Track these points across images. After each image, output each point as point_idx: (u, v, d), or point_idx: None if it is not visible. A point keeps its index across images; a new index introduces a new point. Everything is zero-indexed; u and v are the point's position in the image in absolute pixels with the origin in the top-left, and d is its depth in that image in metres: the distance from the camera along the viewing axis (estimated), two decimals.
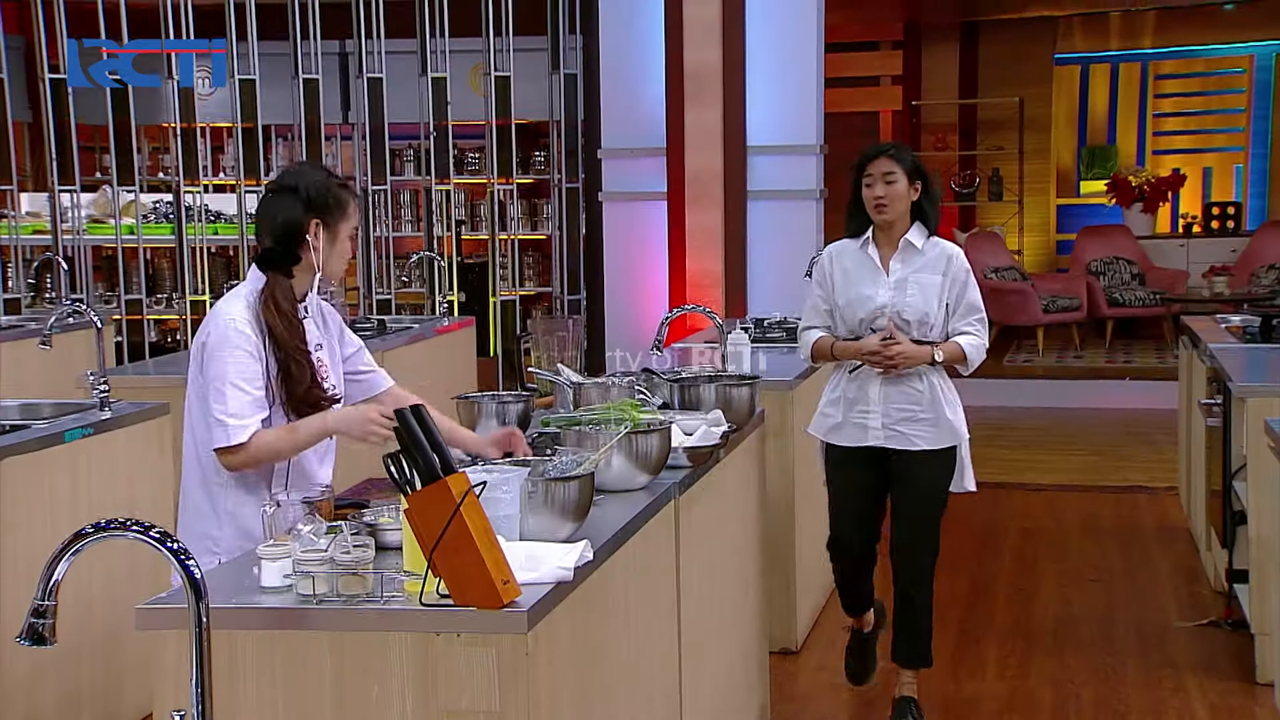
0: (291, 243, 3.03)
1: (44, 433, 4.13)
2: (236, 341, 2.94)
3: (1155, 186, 13.22)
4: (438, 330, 7.11)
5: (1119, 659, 4.94)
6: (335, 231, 3.06)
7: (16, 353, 6.37)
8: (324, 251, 3.04)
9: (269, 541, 2.59)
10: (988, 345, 4.19)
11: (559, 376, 3.95)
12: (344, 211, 3.07)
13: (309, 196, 3.04)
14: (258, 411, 2.94)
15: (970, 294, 4.12)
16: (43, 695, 3.97)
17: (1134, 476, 7.76)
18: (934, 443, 4.12)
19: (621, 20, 8.29)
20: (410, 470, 2.43)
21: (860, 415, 4.14)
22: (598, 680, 2.78)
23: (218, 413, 2.92)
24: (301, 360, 2.99)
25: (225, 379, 2.92)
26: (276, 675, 2.42)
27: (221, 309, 3.02)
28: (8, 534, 3.90)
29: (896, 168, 4.06)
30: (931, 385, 4.11)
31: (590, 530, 2.80)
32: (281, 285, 3.02)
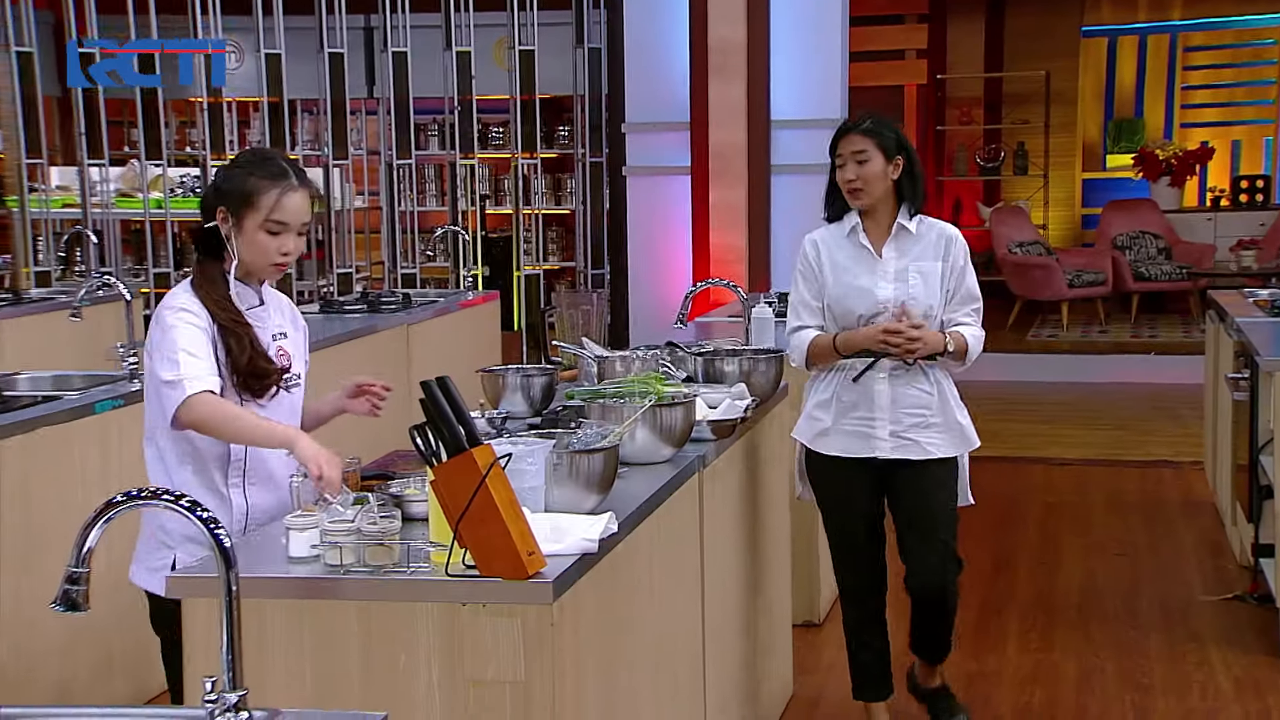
0: (209, 228, 2.96)
1: (75, 404, 4.17)
2: (180, 317, 2.87)
3: (1183, 160, 13.10)
4: (462, 304, 7.12)
5: (1143, 632, 4.93)
6: (240, 224, 2.92)
7: (47, 325, 6.41)
8: (236, 242, 2.92)
9: (297, 512, 2.60)
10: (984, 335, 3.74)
11: (583, 350, 3.95)
12: (248, 204, 2.91)
13: (219, 183, 2.97)
14: (211, 376, 2.84)
15: (969, 280, 3.68)
16: (76, 662, 4.01)
17: (1159, 451, 7.73)
18: (949, 449, 3.69)
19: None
20: (436, 442, 2.43)
21: (861, 423, 3.66)
22: (622, 650, 2.80)
23: (169, 377, 2.81)
24: (240, 332, 2.90)
25: (176, 348, 2.83)
26: (304, 644, 2.44)
27: (169, 296, 2.97)
28: (40, 503, 3.94)
29: (868, 144, 3.59)
30: (939, 385, 3.67)
31: (615, 502, 2.80)
32: (206, 266, 2.96)
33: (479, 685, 2.38)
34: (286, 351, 3.05)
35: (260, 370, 2.93)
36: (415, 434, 2.45)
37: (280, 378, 2.97)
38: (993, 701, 4.35)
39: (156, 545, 2.93)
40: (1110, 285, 11.49)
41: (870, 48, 12.09)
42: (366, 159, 9.59)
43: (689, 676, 3.26)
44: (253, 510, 2.96)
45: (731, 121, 7.95)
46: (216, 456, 2.93)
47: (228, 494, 2.93)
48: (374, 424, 3.30)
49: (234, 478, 2.94)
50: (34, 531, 3.91)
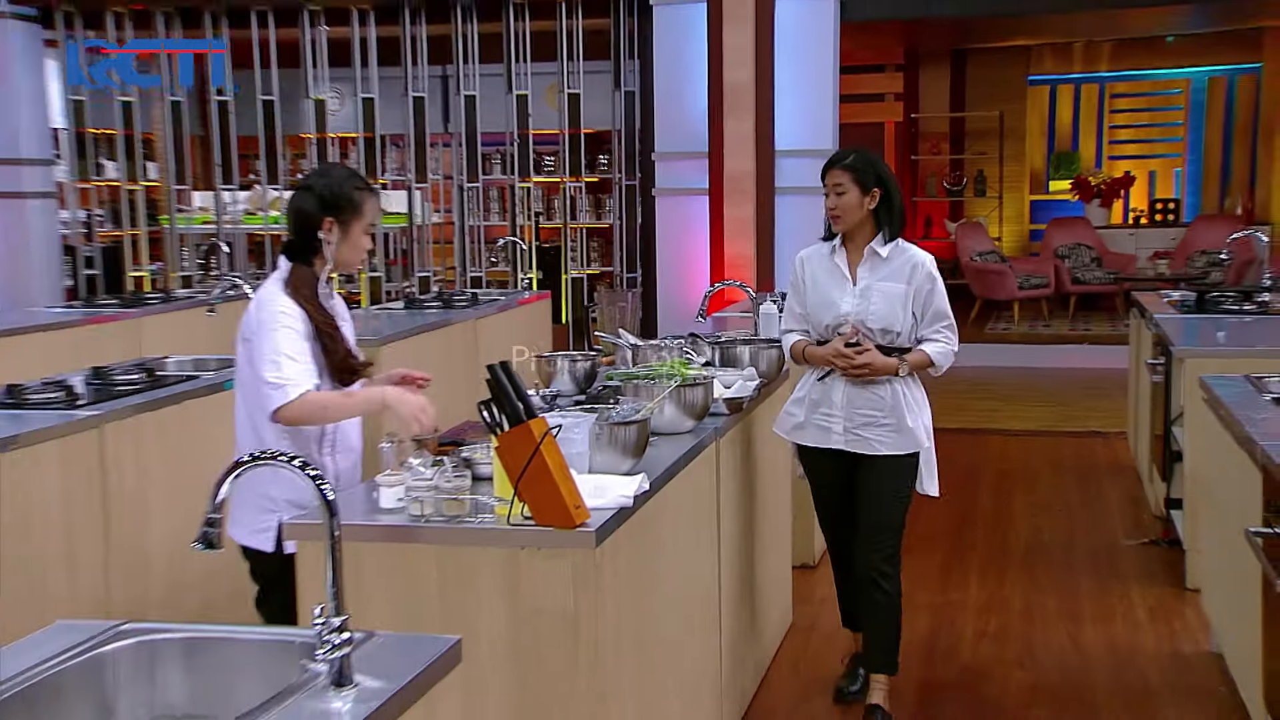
0: (309, 236, 2.86)
1: (210, 382, 4.19)
2: (284, 321, 2.77)
3: (1110, 186, 13.04)
4: (520, 301, 7.10)
5: (1076, 572, 4.89)
6: (347, 228, 2.84)
7: (189, 319, 6.45)
8: (336, 245, 2.85)
9: (386, 472, 2.60)
10: (956, 349, 3.50)
11: (620, 339, 3.93)
12: (357, 211, 2.85)
13: (323, 197, 2.84)
14: (308, 378, 2.77)
15: (937, 301, 3.44)
16: (215, 591, 4.04)
17: (1091, 424, 7.65)
18: (894, 448, 3.45)
19: (672, 47, 8.22)
20: (500, 415, 2.42)
21: (824, 418, 3.50)
22: (652, 586, 2.78)
23: (273, 379, 2.73)
24: (333, 334, 2.84)
25: (279, 351, 2.74)
26: (393, 580, 2.44)
27: (264, 296, 2.83)
28: (184, 461, 3.96)
29: (845, 178, 3.42)
30: (895, 392, 3.45)
31: (647, 465, 2.79)
32: (301, 273, 2.85)
33: (535, 614, 2.37)
34: (348, 338, 2.97)
35: (350, 366, 2.88)
36: (482, 408, 2.45)
37: (366, 370, 2.91)
38: (957, 625, 4.33)
39: (261, 510, 2.85)
40: (1052, 287, 11.38)
41: (857, 91, 11.99)
42: (442, 183, 9.58)
43: (706, 607, 3.25)
44: (340, 473, 2.92)
45: (742, 151, 7.90)
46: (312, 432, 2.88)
47: (320, 459, 2.90)
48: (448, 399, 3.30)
49: (325, 448, 2.91)
50: (179, 484, 3.93)
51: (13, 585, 3.28)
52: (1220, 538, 3.76)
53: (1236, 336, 5.04)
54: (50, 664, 1.80)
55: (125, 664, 1.88)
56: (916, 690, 3.79)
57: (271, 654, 1.89)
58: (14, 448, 3.30)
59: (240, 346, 2.87)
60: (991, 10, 9.64)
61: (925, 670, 3.94)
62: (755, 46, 7.83)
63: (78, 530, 3.53)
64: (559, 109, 8.94)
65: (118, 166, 9.32)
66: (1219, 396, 3.60)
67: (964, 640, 4.21)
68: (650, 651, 2.76)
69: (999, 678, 3.89)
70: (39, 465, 3.39)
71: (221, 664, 1.90)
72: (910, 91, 13.17)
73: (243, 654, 1.91)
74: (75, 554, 3.52)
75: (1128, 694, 3.76)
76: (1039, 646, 4.14)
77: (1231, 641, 3.64)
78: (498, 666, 2.39)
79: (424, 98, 8.93)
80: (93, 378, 4.06)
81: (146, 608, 3.76)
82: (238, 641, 1.93)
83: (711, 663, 3.27)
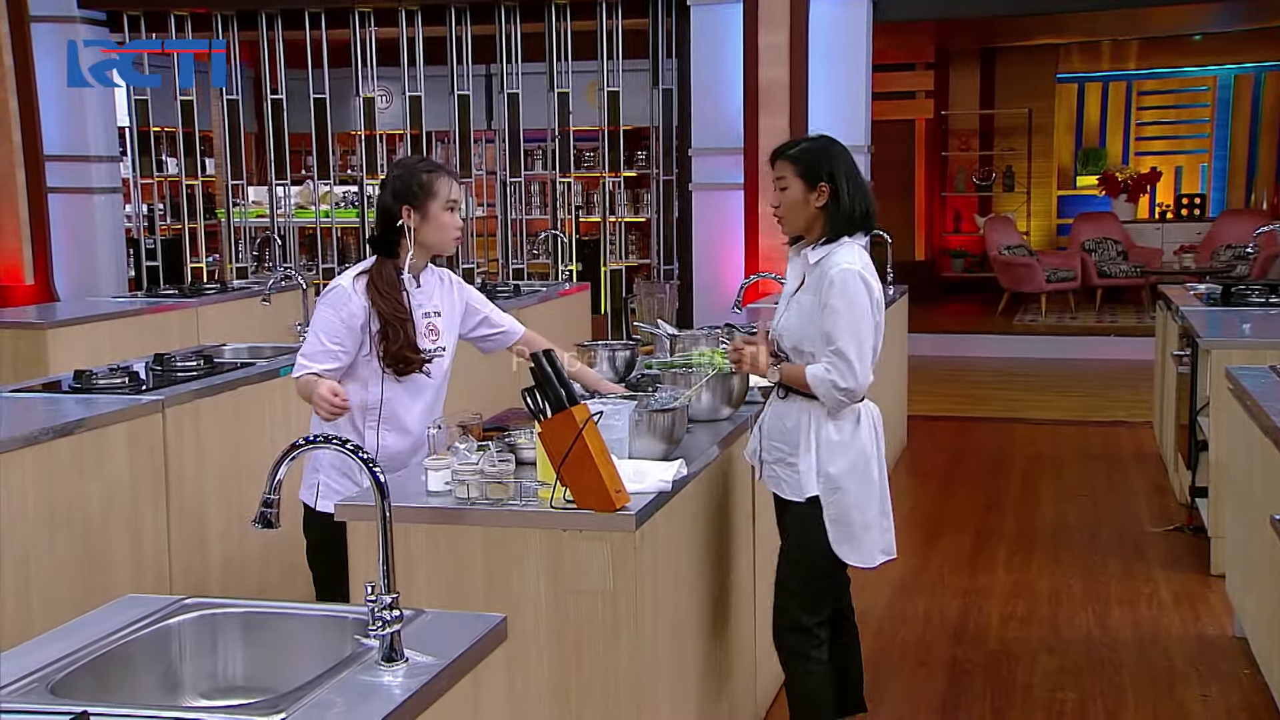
0: (389, 229, 2.89)
1: (265, 369, 4.22)
2: (331, 300, 2.85)
3: (1137, 181, 12.87)
4: (560, 293, 7.12)
5: (1102, 557, 4.83)
6: (425, 211, 2.87)
7: (244, 308, 6.52)
8: (419, 230, 2.87)
9: (433, 455, 2.61)
10: (846, 386, 2.70)
11: (658, 329, 3.93)
12: (430, 192, 2.87)
13: (395, 189, 2.88)
14: (326, 360, 2.82)
15: (827, 322, 2.70)
16: (270, 567, 4.08)
17: (1117, 413, 7.56)
18: (790, 492, 2.83)
19: (708, 46, 8.18)
20: (543, 402, 2.43)
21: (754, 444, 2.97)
22: (690, 568, 2.78)
23: (301, 350, 2.89)
24: (398, 326, 2.86)
25: (314, 328, 2.88)
26: (440, 559, 2.45)
27: (339, 276, 2.93)
28: (240, 444, 4.00)
29: (787, 170, 2.80)
30: (800, 425, 2.78)
31: (685, 451, 2.79)
32: (383, 266, 2.89)
33: (576, 594, 2.38)
34: (436, 327, 2.98)
35: (406, 359, 2.90)
36: (526, 395, 2.45)
37: (422, 366, 2.92)
38: (984, 610, 4.29)
39: (309, 469, 3.00)
40: (1079, 281, 11.25)
41: (888, 89, 11.89)
42: (485, 178, 9.61)
43: (742, 587, 3.24)
44: (385, 450, 2.91)
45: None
46: (358, 404, 2.91)
47: (364, 434, 2.92)
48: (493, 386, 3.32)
49: (370, 421, 2.92)
50: (236, 466, 3.97)
51: (83, 559, 3.34)
52: (1245, 525, 3.71)
53: (1262, 328, 4.97)
54: (120, 635, 1.83)
55: (189, 637, 1.90)
56: (945, 674, 3.77)
57: (326, 629, 1.91)
58: (82, 430, 3.35)
59: None
60: (1020, 10, 9.51)
61: (954, 652, 3.92)
62: (790, 46, 7.78)
63: (142, 509, 3.58)
64: (599, 106, 8.93)
65: (178, 163, 9.42)
66: (1245, 387, 3.55)
67: (992, 623, 4.18)
68: (687, 632, 2.76)
69: (1026, 660, 3.86)
70: (106, 447, 3.44)
71: (278, 638, 1.92)
72: (941, 89, 13.04)
73: (299, 629, 1.93)
74: (140, 531, 3.57)
75: (1153, 676, 3.72)
76: (1065, 629, 4.10)
77: (1255, 626, 3.59)
78: (541, 644, 2.40)
79: (469, 96, 8.96)
80: (155, 364, 4.11)
81: (206, 583, 3.81)
82: (294, 617, 1.95)
83: (747, 644, 3.27)
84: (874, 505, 2.82)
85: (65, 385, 3.83)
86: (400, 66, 8.93)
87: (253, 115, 10.06)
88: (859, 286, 2.72)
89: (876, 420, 2.86)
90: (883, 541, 2.86)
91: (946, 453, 6.75)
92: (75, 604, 3.17)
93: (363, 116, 9.10)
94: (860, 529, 2.80)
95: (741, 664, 3.22)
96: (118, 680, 1.79)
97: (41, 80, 8.64)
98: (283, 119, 9.10)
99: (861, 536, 2.81)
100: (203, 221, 9.48)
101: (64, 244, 8.95)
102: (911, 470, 6.38)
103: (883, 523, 2.85)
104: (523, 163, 9.13)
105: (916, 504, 5.73)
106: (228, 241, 9.42)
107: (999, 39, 12.72)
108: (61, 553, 3.27)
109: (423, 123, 9.01)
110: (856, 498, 2.79)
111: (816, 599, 2.89)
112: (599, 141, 9.06)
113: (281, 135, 9.13)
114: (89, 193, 8.96)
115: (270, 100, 9.11)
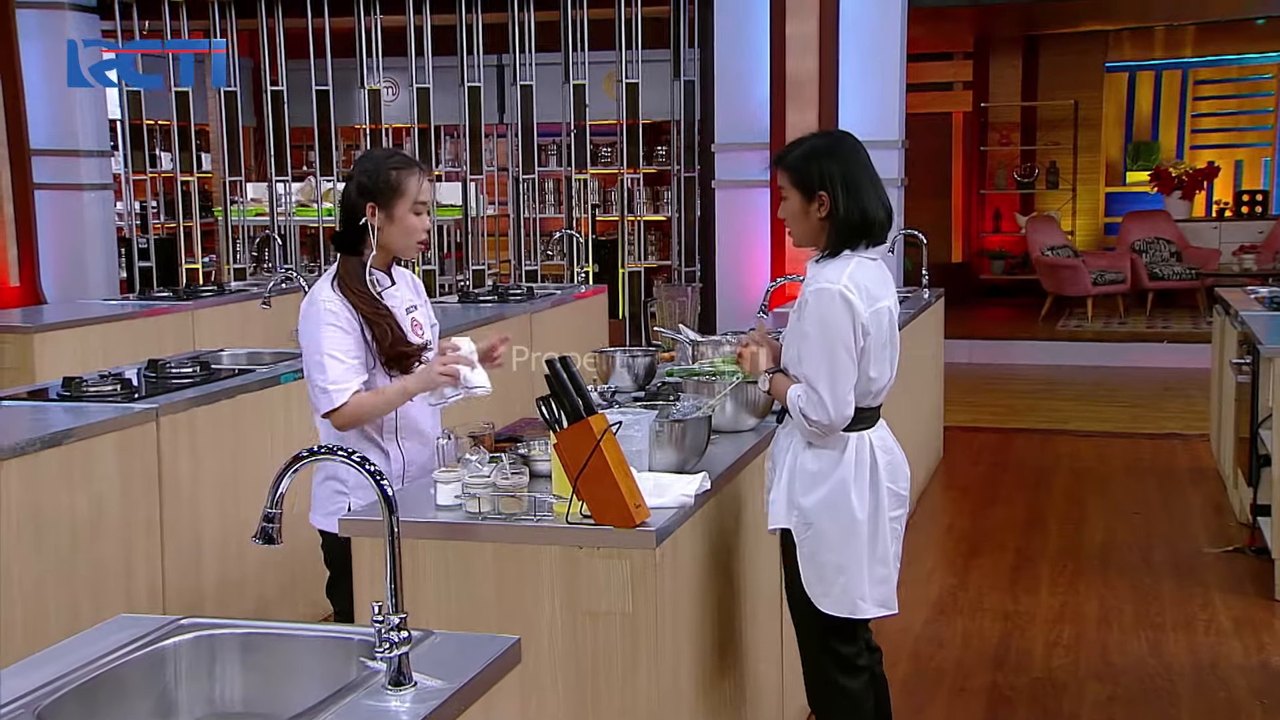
0: (353, 226, 2.88)
1: (265, 376, 4.25)
2: (327, 319, 2.81)
3: (1193, 177, 12.77)
4: (576, 296, 7.13)
5: (1155, 579, 4.80)
6: (391, 211, 2.84)
7: (243, 311, 6.56)
8: (384, 230, 2.86)
9: (442, 468, 2.62)
10: (817, 419, 2.62)
11: (679, 335, 3.93)
12: (398, 191, 2.84)
13: (362, 183, 2.87)
14: (355, 377, 2.81)
15: (803, 348, 2.64)
16: (268, 585, 4.10)
17: (1170, 425, 7.51)
18: (771, 521, 2.79)
19: (733, 35, 8.20)
20: (559, 411, 2.43)
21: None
22: (714, 587, 2.78)
23: (319, 382, 2.80)
24: (381, 323, 2.85)
25: (322, 351, 2.80)
26: (450, 577, 2.46)
27: (314, 292, 2.88)
28: (238, 455, 4.02)
29: (784, 180, 2.72)
30: (783, 449, 2.75)
31: (708, 464, 2.78)
32: (349, 264, 2.88)
33: (593, 616, 2.38)
34: (419, 322, 3.00)
35: (402, 353, 2.90)
36: (541, 404, 2.46)
37: (420, 355, 2.94)
38: (1027, 635, 4.27)
39: (333, 494, 2.92)
40: (1129, 284, 11.20)
41: (923, 80, 11.88)
42: (497, 174, 9.64)
43: (768, 608, 3.23)
44: (409, 461, 2.95)
45: None
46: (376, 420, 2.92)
47: (385, 447, 2.95)
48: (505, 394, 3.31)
49: (388, 433, 2.95)
50: (234, 479, 3.99)
51: (72, 577, 3.36)
52: None
53: None
54: (112, 658, 1.84)
55: (185, 659, 1.91)
56: (985, 702, 3.74)
57: (329, 651, 1.92)
58: (71, 440, 3.37)
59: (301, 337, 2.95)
60: None
61: (994, 679, 3.90)
62: (819, 34, 7.78)
63: (134, 524, 3.60)
64: (617, 99, 8.94)
65: (172, 158, 9.49)
66: None
67: (1036, 649, 4.15)
68: (710, 656, 2.75)
69: (1073, 689, 3.83)
70: (96, 458, 3.46)
71: (279, 660, 1.93)
72: (980, 80, 13.01)
73: (301, 651, 1.93)
74: (132, 547, 3.59)
75: (1211, 708, 3.69)
76: (1116, 656, 4.07)
77: None
78: (556, 668, 2.40)
79: (479, 88, 8.99)
80: (148, 371, 4.14)
81: (201, 601, 3.83)
82: (296, 638, 1.96)
83: (773, 670, 3.26)
84: (855, 548, 2.68)
85: (53, 393, 3.86)
86: (407, 57, 8.97)
87: (251, 108, 10.13)
88: (838, 308, 2.61)
89: (877, 451, 2.71)
90: (874, 592, 2.71)
91: (985, 466, 6.72)
92: (63, 625, 3.19)
93: (367, 110, 9.15)
94: (833, 571, 2.69)
95: (768, 691, 3.21)
96: (109, 706, 1.80)
97: (28, 70, 8.70)
98: (283, 112, 9.16)
99: (834, 579, 2.69)
100: (198, 220, 9.54)
101: (52, 244, 9.03)
102: (948, 484, 6.36)
103: (873, 570, 2.70)
104: (536, 159, 9.16)
105: (954, 520, 5.71)
106: (225, 241, 9.48)
107: (1043, 25, 12.67)
108: (49, 571, 3.29)
109: (431, 116, 9.06)
110: (830, 536, 2.68)
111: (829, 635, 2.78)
112: (617, 136, 9.08)
113: (282, 129, 9.19)
114: (78, 189, 9.04)
115: (270, 92, 9.17)
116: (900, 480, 2.77)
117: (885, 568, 2.73)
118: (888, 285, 2.75)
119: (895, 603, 2.78)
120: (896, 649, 4.08)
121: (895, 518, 2.76)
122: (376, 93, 9.14)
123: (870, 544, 2.71)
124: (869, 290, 2.66)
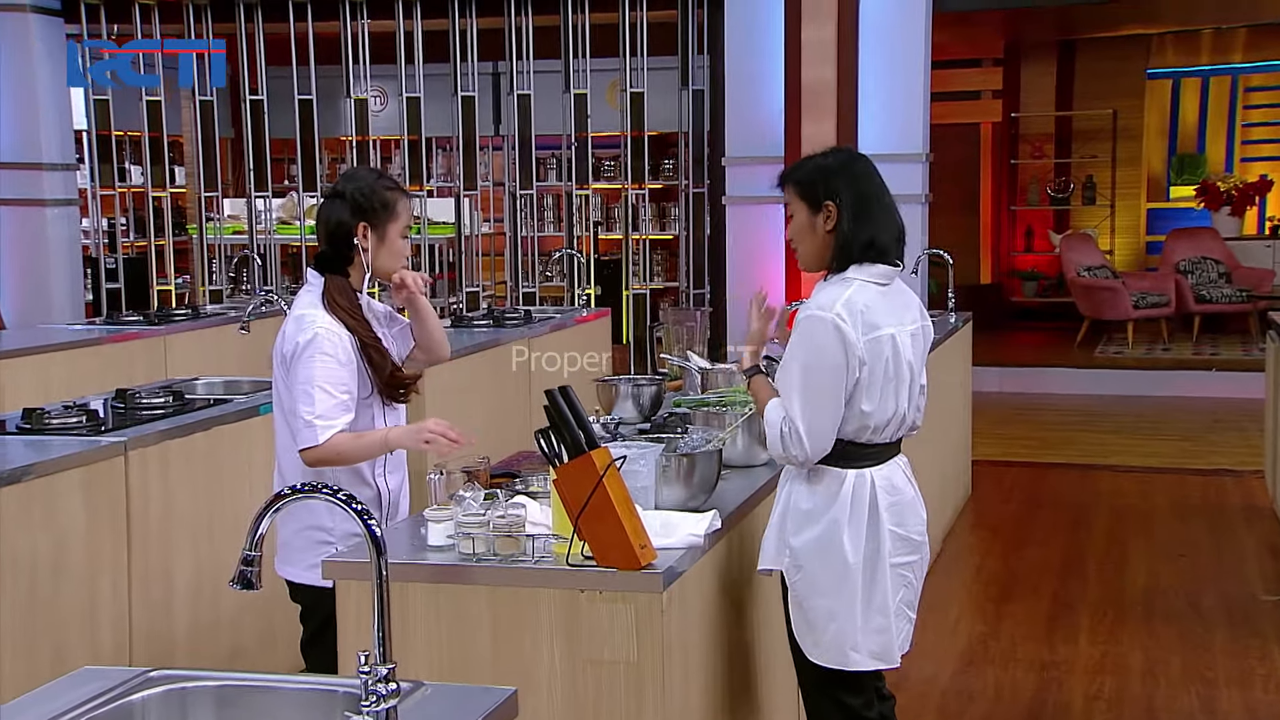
0: (342, 245, 2.92)
1: (243, 406, 4.26)
2: (324, 348, 2.82)
3: (1243, 191, 12.79)
4: (577, 320, 7.14)
5: (1207, 629, 4.78)
6: (383, 233, 2.92)
7: (220, 336, 6.57)
8: (373, 252, 2.92)
9: (434, 505, 2.63)
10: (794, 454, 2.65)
11: (687, 362, 3.94)
12: (391, 213, 2.92)
13: (356, 202, 2.91)
14: (342, 414, 2.82)
15: (783, 377, 2.69)
16: (245, 632, 4.10)
17: (1220, 460, 7.50)
18: (761, 562, 2.81)
19: (745, 41, 8.25)
20: (559, 444, 2.44)
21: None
22: (725, 633, 2.78)
23: (306, 414, 2.79)
24: (379, 349, 2.90)
25: (313, 382, 2.80)
26: (442, 622, 2.46)
27: (306, 315, 2.87)
28: (213, 493, 4.03)
29: (791, 195, 2.79)
30: (781, 484, 2.82)
31: (718, 501, 2.79)
32: (337, 284, 2.91)
33: (595, 664, 2.38)
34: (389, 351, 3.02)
35: (398, 381, 2.95)
36: (540, 437, 2.47)
37: (416, 383, 2.97)
38: (1065, 688, 4.26)
39: (315, 543, 2.89)
40: (1173, 307, 11.21)
41: (950, 88, 11.93)
42: (493, 189, 9.70)
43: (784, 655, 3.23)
44: (391, 492, 3.01)
45: None
46: None
47: (374, 483, 2.97)
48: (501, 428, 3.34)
49: (378, 468, 2.97)
50: (209, 518, 4.00)
51: (31, 624, 3.36)
52: None
53: None
54: (76, 713, 1.84)
55: (155, 714, 1.91)
56: None
57: (312, 704, 1.92)
58: (31, 477, 3.38)
59: (278, 367, 2.94)
60: None
61: None
62: (838, 40, 7.83)
63: (100, 566, 3.61)
64: (620, 109, 9.00)
65: (143, 172, 9.55)
66: None
67: (1075, 702, 4.14)
68: (722, 704, 2.75)
69: None
70: (59, 496, 3.47)
71: (257, 714, 1.93)
72: (1011, 88, 13.07)
73: (280, 704, 1.94)
74: (97, 591, 3.59)
75: None
76: (1163, 713, 4.06)
77: None
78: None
79: (473, 97, 9.06)
80: (116, 401, 4.15)
81: (172, 649, 3.83)
82: (275, 690, 1.96)
83: (790, 718, 3.25)
84: (847, 594, 2.67)
85: (12, 425, 3.88)
86: (397, 64, 9.04)
87: (229, 118, 10.20)
88: (826, 337, 2.63)
89: (879, 491, 2.70)
90: (869, 643, 2.68)
91: (1017, 503, 6.71)
92: (22, 677, 3.19)
93: (354, 120, 9.21)
94: (823, 618, 2.69)
95: None
96: None
97: None
98: (263, 122, 9.22)
99: (824, 627, 2.69)
100: (171, 238, 9.59)
101: (12, 263, 9.08)
102: (977, 523, 6.35)
103: (869, 619, 2.68)
104: (534, 173, 9.21)
105: (983, 563, 5.70)
106: (200, 261, 9.53)
107: (1079, 29, 12.73)
108: (6, 618, 3.29)
109: (422, 127, 9.12)
110: (819, 581, 2.68)
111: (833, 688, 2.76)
112: (621, 149, 9.14)
113: (261, 141, 9.25)
114: (41, 205, 9.08)
115: (249, 101, 9.24)
116: (909, 523, 2.75)
117: (884, 617, 2.70)
118: (898, 312, 2.75)
119: (895, 656, 2.74)
120: (922, 702, 4.06)
121: (901, 564, 2.74)
122: (363, 102, 9.21)
123: (866, 591, 2.69)
124: (868, 317, 2.66)
